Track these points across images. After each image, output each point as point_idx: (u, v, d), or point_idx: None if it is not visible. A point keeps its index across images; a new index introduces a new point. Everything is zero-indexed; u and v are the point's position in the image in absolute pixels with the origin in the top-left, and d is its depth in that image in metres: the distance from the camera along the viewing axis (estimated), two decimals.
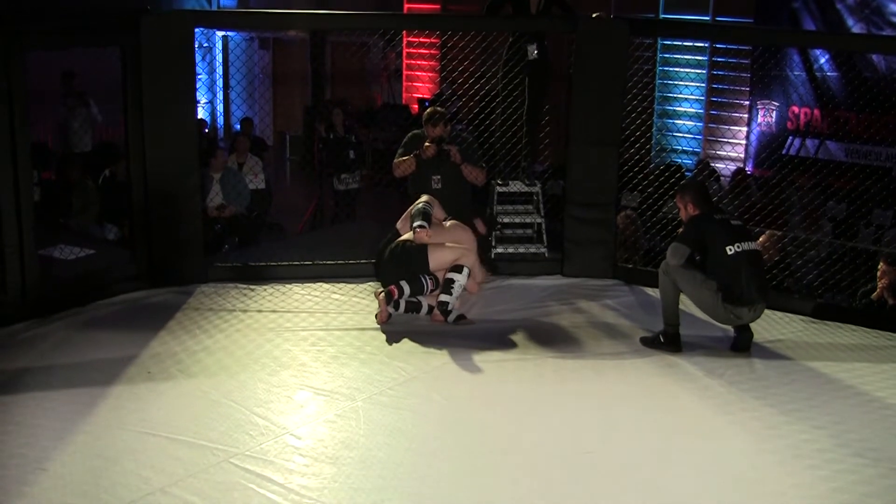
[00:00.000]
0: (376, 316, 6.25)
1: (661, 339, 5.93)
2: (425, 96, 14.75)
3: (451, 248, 6.36)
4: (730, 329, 6.02)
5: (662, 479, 4.32)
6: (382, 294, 6.19)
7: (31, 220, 6.08)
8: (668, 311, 5.91)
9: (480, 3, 7.92)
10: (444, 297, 6.28)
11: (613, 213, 7.42)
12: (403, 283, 6.17)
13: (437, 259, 6.29)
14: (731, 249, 5.74)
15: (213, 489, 4.06)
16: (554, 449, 4.57)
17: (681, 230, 6.02)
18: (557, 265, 7.44)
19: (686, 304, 6.01)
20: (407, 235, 6.41)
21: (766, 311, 6.19)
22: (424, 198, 6.52)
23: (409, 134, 7.30)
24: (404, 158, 7.10)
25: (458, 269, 6.28)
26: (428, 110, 7.25)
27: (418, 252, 6.28)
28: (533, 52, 7.45)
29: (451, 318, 6.32)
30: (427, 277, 6.25)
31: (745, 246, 5.79)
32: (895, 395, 5.36)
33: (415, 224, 6.28)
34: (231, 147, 10.25)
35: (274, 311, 6.42)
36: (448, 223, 6.55)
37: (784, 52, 11.39)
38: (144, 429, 4.61)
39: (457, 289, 6.27)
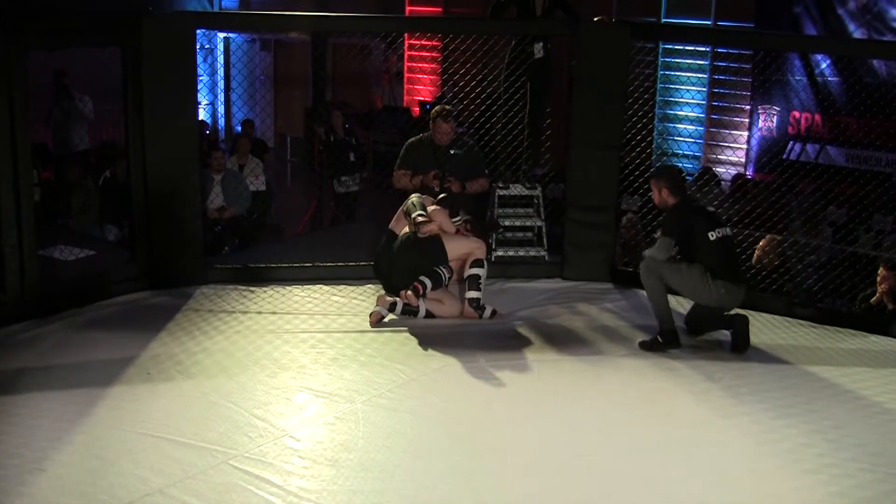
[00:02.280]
0: (371, 315, 6.26)
1: (660, 339, 5.95)
2: (426, 99, 14.76)
3: (465, 239, 6.43)
4: (727, 334, 6.03)
5: (659, 482, 4.32)
6: (409, 292, 6.18)
7: (31, 220, 6.09)
8: (660, 310, 5.95)
9: (482, 5, 7.92)
10: (473, 294, 6.36)
11: (614, 217, 7.41)
12: (424, 279, 6.19)
13: (454, 249, 6.35)
14: (712, 235, 5.88)
15: (212, 491, 4.06)
16: (552, 452, 4.58)
17: (663, 224, 6.11)
18: (557, 268, 7.44)
19: (685, 308, 6.02)
20: (406, 230, 6.41)
21: (766, 315, 6.40)
22: (415, 194, 6.53)
23: (407, 143, 7.29)
24: (406, 174, 7.08)
25: (478, 263, 6.35)
26: (437, 107, 7.27)
27: (430, 243, 6.29)
28: (539, 50, 7.46)
29: (487, 314, 6.40)
30: (444, 269, 6.28)
31: (723, 231, 5.96)
32: (894, 399, 5.36)
33: (415, 215, 6.27)
34: (232, 149, 10.24)
35: (273, 313, 6.42)
36: (431, 208, 6.55)
37: (785, 56, 11.37)
38: (143, 430, 4.61)
39: (483, 283, 6.38)
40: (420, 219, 6.25)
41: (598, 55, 7.16)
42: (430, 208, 6.53)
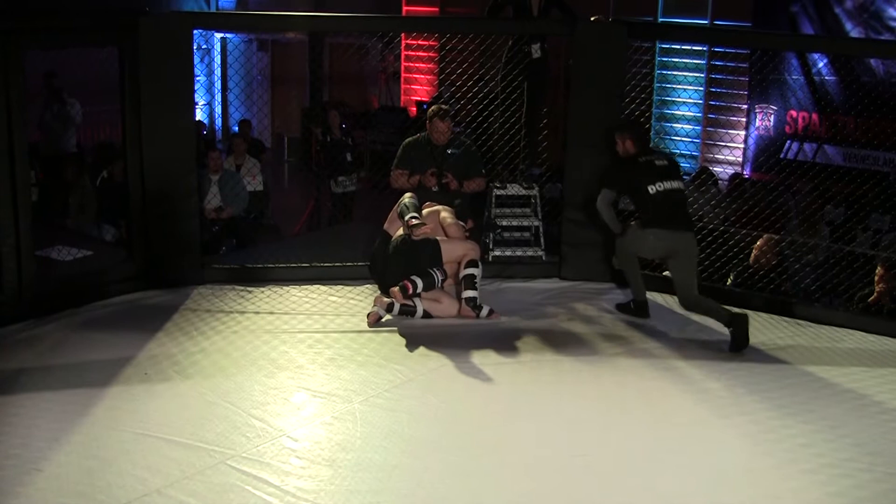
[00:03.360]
0: (369, 315, 6.26)
1: (632, 306, 6.60)
2: (423, 99, 14.75)
3: (461, 242, 6.44)
4: (726, 332, 6.03)
5: (657, 481, 4.32)
6: (397, 289, 6.19)
7: (29, 219, 6.08)
8: (631, 282, 6.55)
9: (479, 4, 7.91)
10: (470, 294, 6.37)
11: None
12: (416, 278, 6.19)
13: (449, 252, 6.36)
14: (652, 189, 6.20)
15: (210, 491, 4.06)
16: (550, 451, 4.57)
17: (602, 174, 6.52)
18: (555, 268, 7.44)
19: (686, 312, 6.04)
20: (400, 231, 6.41)
21: (763, 315, 6.40)
22: (408, 194, 6.53)
23: (403, 144, 7.27)
24: (404, 174, 7.06)
25: (473, 264, 6.37)
26: (434, 107, 7.26)
27: (426, 246, 6.29)
28: (536, 50, 7.46)
29: (484, 313, 6.40)
30: (437, 271, 6.27)
31: (668, 185, 6.23)
32: (892, 399, 5.36)
33: (408, 217, 6.27)
34: (229, 149, 10.22)
35: (271, 313, 6.41)
36: (426, 211, 6.56)
37: (782, 56, 11.39)
38: (140, 430, 4.60)
39: (479, 283, 6.43)
40: (414, 221, 6.24)
41: (595, 55, 7.15)
42: (426, 211, 6.52)
